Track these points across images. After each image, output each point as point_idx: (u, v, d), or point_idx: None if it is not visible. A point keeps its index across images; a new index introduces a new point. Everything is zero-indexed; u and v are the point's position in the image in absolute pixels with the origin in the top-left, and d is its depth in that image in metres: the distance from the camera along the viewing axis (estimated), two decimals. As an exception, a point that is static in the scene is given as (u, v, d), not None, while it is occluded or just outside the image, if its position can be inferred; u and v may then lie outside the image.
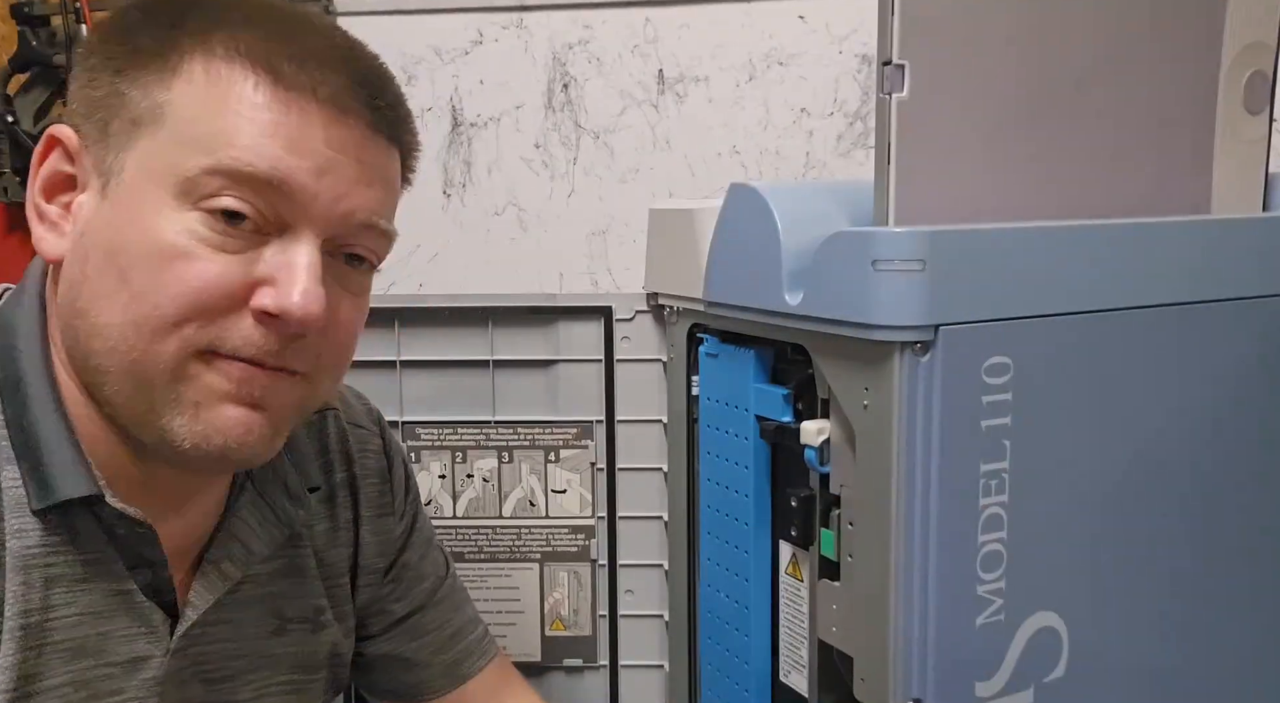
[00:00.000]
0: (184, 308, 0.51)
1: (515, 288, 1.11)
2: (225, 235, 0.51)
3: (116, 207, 0.52)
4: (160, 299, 0.51)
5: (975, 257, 0.66)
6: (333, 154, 0.53)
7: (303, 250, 0.53)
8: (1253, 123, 0.83)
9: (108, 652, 0.55)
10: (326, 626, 0.68)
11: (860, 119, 1.15)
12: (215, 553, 0.61)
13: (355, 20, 1.18)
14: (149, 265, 0.51)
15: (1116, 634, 0.76)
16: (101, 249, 0.52)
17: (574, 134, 1.18)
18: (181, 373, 0.52)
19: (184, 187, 0.51)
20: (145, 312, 0.51)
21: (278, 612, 0.65)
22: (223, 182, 0.51)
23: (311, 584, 0.67)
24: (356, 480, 0.71)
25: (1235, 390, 0.79)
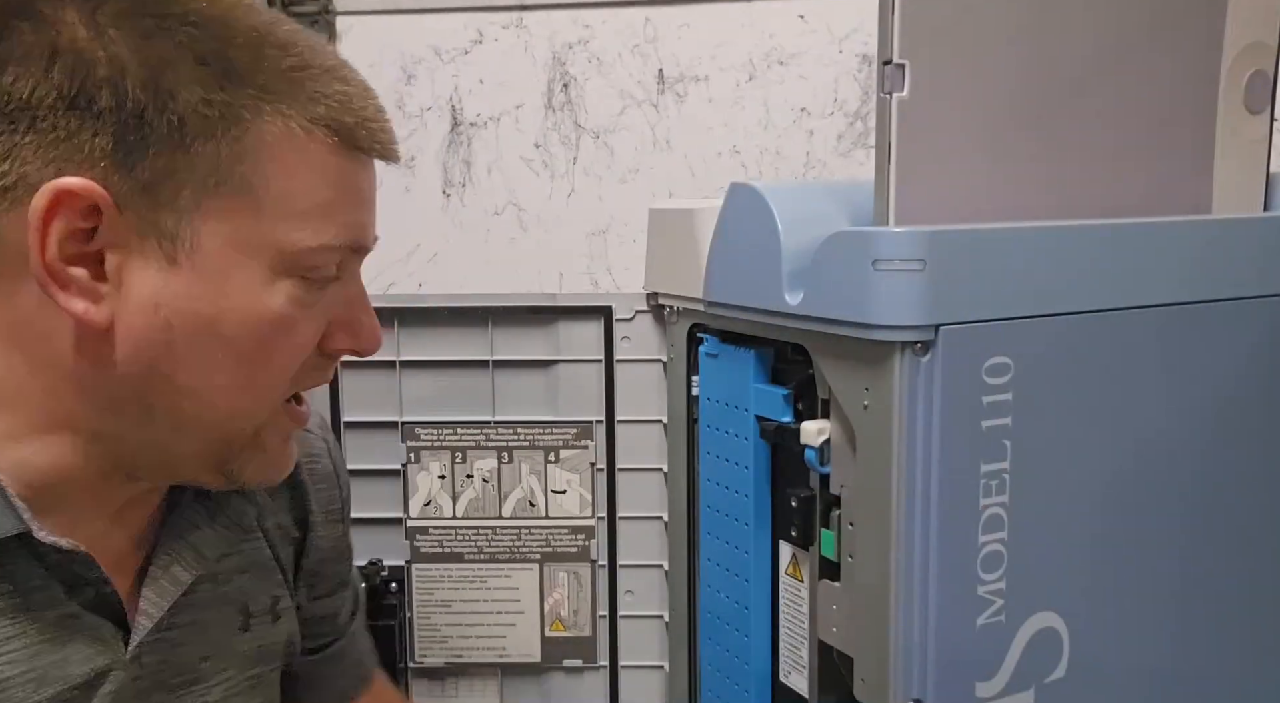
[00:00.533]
0: (290, 372, 0.56)
1: (515, 288, 1.10)
2: (315, 293, 0.55)
3: (201, 277, 0.52)
4: (270, 366, 0.55)
5: (975, 257, 0.66)
6: (373, 190, 0.57)
7: (359, 286, 0.58)
8: (1253, 123, 0.83)
9: (69, 675, 0.54)
10: (282, 615, 0.68)
11: (860, 119, 1.14)
12: (163, 558, 0.60)
13: (355, 20, 1.18)
14: (255, 336, 0.53)
15: (1117, 635, 0.76)
16: (191, 319, 0.52)
17: (574, 134, 1.18)
18: (267, 424, 0.57)
19: (286, 261, 0.53)
20: (254, 378, 0.55)
21: (242, 608, 0.65)
22: (327, 256, 0.54)
23: (270, 575, 0.67)
24: (306, 483, 0.71)
25: (1235, 390, 0.79)
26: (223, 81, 0.50)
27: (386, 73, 1.19)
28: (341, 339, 0.57)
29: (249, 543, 0.65)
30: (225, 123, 0.50)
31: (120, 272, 0.51)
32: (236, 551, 0.64)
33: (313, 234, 0.53)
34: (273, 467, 0.59)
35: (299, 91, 0.52)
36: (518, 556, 1.00)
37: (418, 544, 1.00)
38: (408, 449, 0.99)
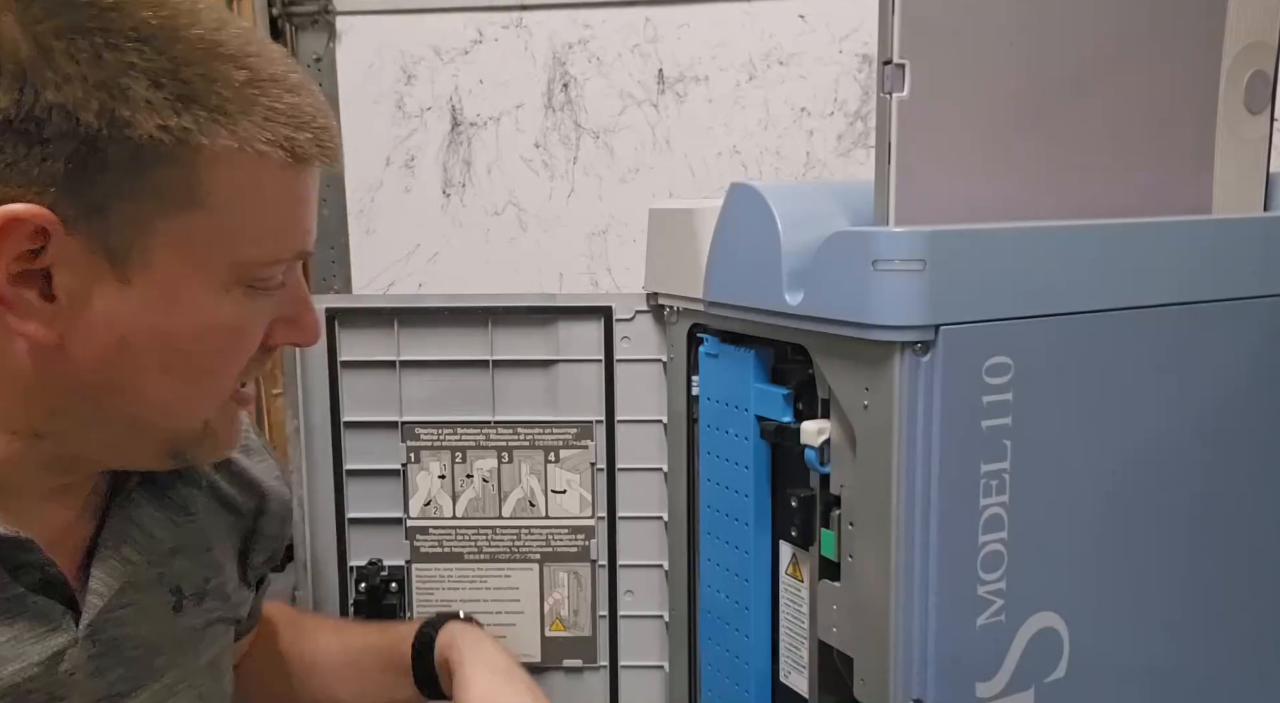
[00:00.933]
0: (235, 375, 0.58)
1: (515, 288, 1.11)
2: (262, 299, 0.57)
3: (153, 293, 0.53)
4: (222, 370, 0.58)
5: (975, 257, 0.66)
6: (316, 192, 0.58)
7: (299, 283, 0.59)
8: (1253, 122, 0.83)
9: (25, 653, 0.55)
10: (209, 594, 0.68)
11: (860, 119, 1.15)
12: (112, 538, 0.61)
13: (355, 20, 1.18)
14: (208, 345, 0.56)
15: (1117, 635, 0.76)
16: (145, 333, 0.53)
17: (574, 134, 1.18)
18: (215, 416, 0.59)
19: (238, 273, 0.55)
20: (206, 381, 0.57)
21: (175, 589, 0.65)
22: (276, 267, 0.56)
23: (202, 556, 0.68)
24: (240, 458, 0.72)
25: (1235, 390, 0.79)
26: (177, 106, 0.50)
27: (386, 73, 1.19)
28: (283, 334, 0.60)
29: (185, 526, 0.66)
30: (180, 148, 0.50)
31: (70, 290, 0.51)
32: (175, 532, 0.65)
33: (263, 249, 0.55)
34: (222, 445, 0.62)
35: (253, 110, 0.52)
36: (518, 556, 1.00)
37: (417, 544, 1.00)
38: (407, 449, 0.99)
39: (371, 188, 1.24)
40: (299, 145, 0.54)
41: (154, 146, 0.50)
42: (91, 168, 0.49)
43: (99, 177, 0.50)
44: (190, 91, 0.50)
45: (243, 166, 0.52)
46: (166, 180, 0.51)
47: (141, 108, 0.49)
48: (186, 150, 0.51)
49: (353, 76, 1.19)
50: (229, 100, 0.51)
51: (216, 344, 0.56)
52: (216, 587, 0.69)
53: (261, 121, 0.52)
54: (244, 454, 0.72)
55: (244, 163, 0.52)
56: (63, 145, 0.48)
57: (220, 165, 0.52)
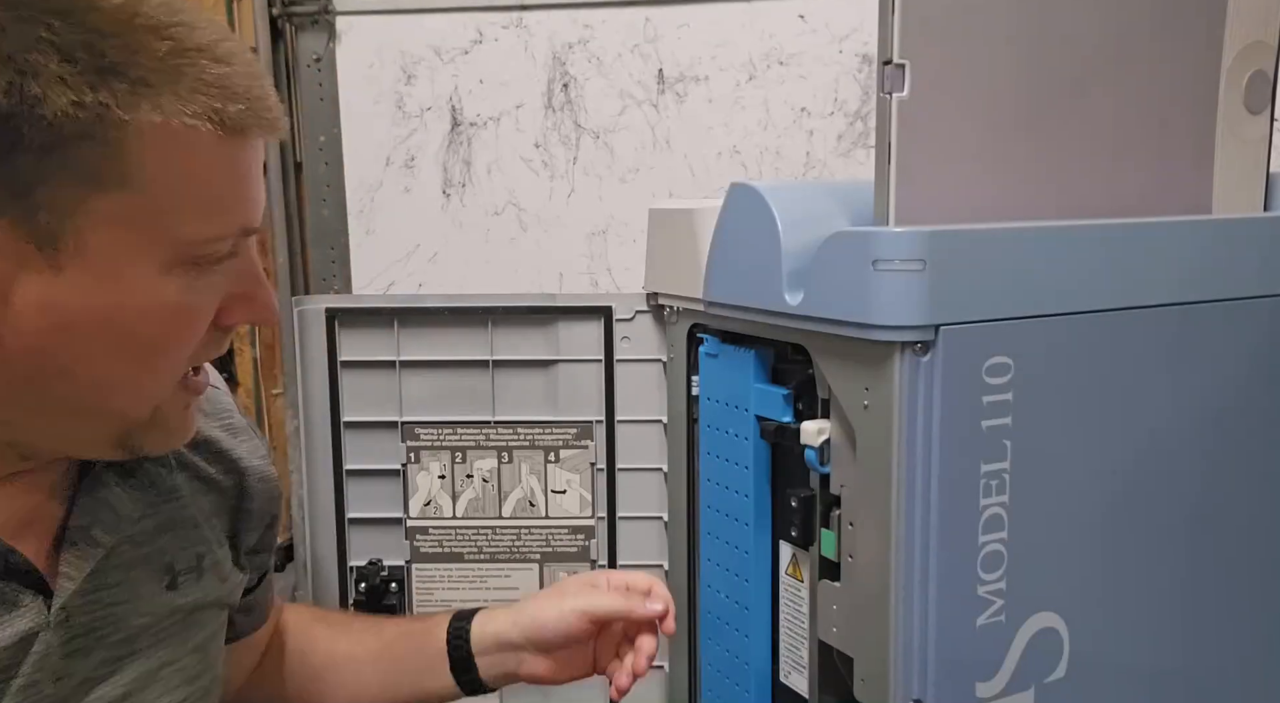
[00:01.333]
0: (187, 353, 0.56)
1: (515, 288, 1.11)
2: (208, 276, 0.55)
3: (90, 277, 0.51)
4: (168, 352, 0.55)
5: (975, 257, 0.66)
6: (259, 166, 0.56)
7: (251, 259, 0.57)
8: (1253, 122, 0.83)
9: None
10: (207, 571, 0.68)
11: (860, 119, 1.14)
12: (82, 519, 0.60)
13: (355, 20, 1.18)
14: (152, 327, 0.53)
15: (1117, 635, 0.76)
16: (84, 318, 0.52)
17: (574, 134, 1.18)
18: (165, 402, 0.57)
19: (179, 251, 0.52)
20: (153, 364, 0.55)
21: (167, 567, 0.65)
22: (218, 244, 0.54)
23: (192, 533, 0.67)
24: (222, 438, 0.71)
25: (1235, 390, 0.79)
26: (94, 80, 0.47)
27: (386, 73, 1.19)
28: (237, 313, 0.57)
29: (168, 504, 0.65)
30: (100, 125, 0.48)
31: (2, 280, 0.50)
32: (154, 512, 0.64)
33: (203, 225, 0.53)
34: (173, 435, 0.60)
35: (177, 82, 0.50)
36: (518, 555, 1.00)
37: (418, 544, 1.00)
38: (408, 449, 0.99)
39: (371, 188, 1.24)
40: (230, 117, 0.51)
41: (71, 124, 0.47)
42: (6, 149, 0.47)
43: (15, 158, 0.47)
44: (107, 64, 0.48)
45: (171, 141, 0.50)
46: (89, 159, 0.49)
47: (54, 83, 0.46)
48: (107, 127, 0.48)
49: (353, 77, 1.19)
50: (150, 72, 0.49)
51: (161, 326, 0.54)
52: (212, 565, 0.68)
53: (187, 93, 0.50)
54: (228, 433, 0.71)
55: (172, 137, 0.50)
56: None
57: (146, 141, 0.49)
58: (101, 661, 0.60)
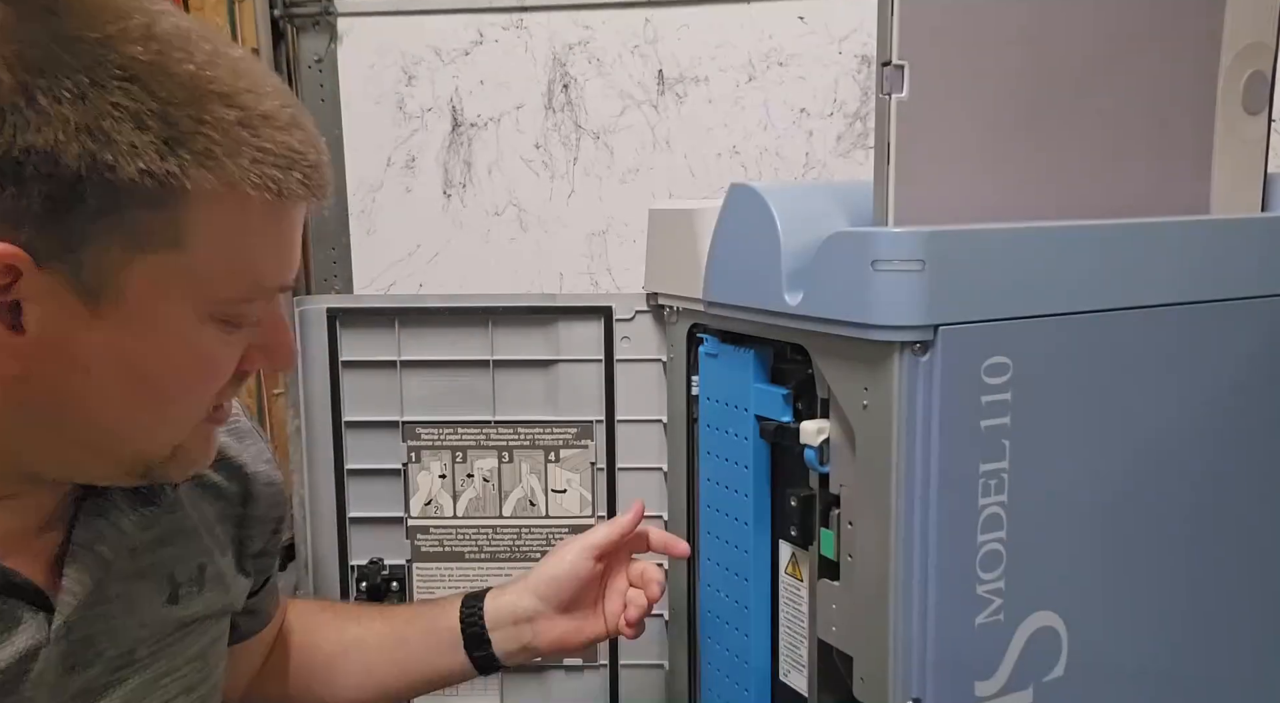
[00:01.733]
0: (207, 403, 0.58)
1: (515, 288, 1.11)
2: (238, 330, 0.56)
3: (125, 326, 0.51)
4: (194, 400, 0.57)
5: (975, 257, 0.66)
6: (300, 226, 0.57)
7: (277, 311, 0.59)
8: (1252, 123, 0.83)
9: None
10: (209, 582, 0.68)
11: (860, 119, 1.15)
12: (85, 535, 0.59)
13: (356, 21, 1.18)
14: (179, 376, 0.55)
15: (1116, 634, 0.76)
16: (113, 365, 0.52)
17: (574, 134, 1.18)
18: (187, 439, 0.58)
19: (214, 308, 0.54)
20: (176, 410, 0.56)
21: (168, 578, 0.65)
22: (254, 303, 0.55)
23: (193, 543, 0.67)
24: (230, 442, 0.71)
25: (1235, 390, 0.79)
26: (163, 149, 0.48)
27: (387, 73, 1.19)
28: (258, 361, 0.59)
29: (169, 515, 0.65)
30: (163, 191, 0.49)
31: (40, 322, 0.50)
32: (156, 524, 0.64)
33: (242, 286, 0.54)
34: (194, 463, 0.61)
35: (242, 152, 0.50)
36: (518, 555, 1.00)
37: (418, 544, 1.00)
38: (408, 449, 0.99)
39: (372, 188, 1.24)
40: (286, 185, 0.52)
41: (136, 190, 0.48)
42: (68, 208, 0.48)
43: (76, 216, 0.48)
44: (177, 133, 0.48)
45: (226, 208, 0.51)
46: (146, 222, 0.49)
47: (125, 152, 0.47)
48: (169, 194, 0.49)
49: (354, 77, 1.19)
50: (218, 142, 0.49)
51: (187, 375, 0.55)
52: (214, 575, 0.68)
53: (250, 164, 0.50)
54: (234, 438, 0.71)
55: (228, 205, 0.51)
56: (40, 186, 0.47)
57: (203, 207, 0.50)
58: (100, 674, 0.60)
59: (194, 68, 0.50)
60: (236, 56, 0.52)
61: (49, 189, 0.47)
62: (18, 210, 0.47)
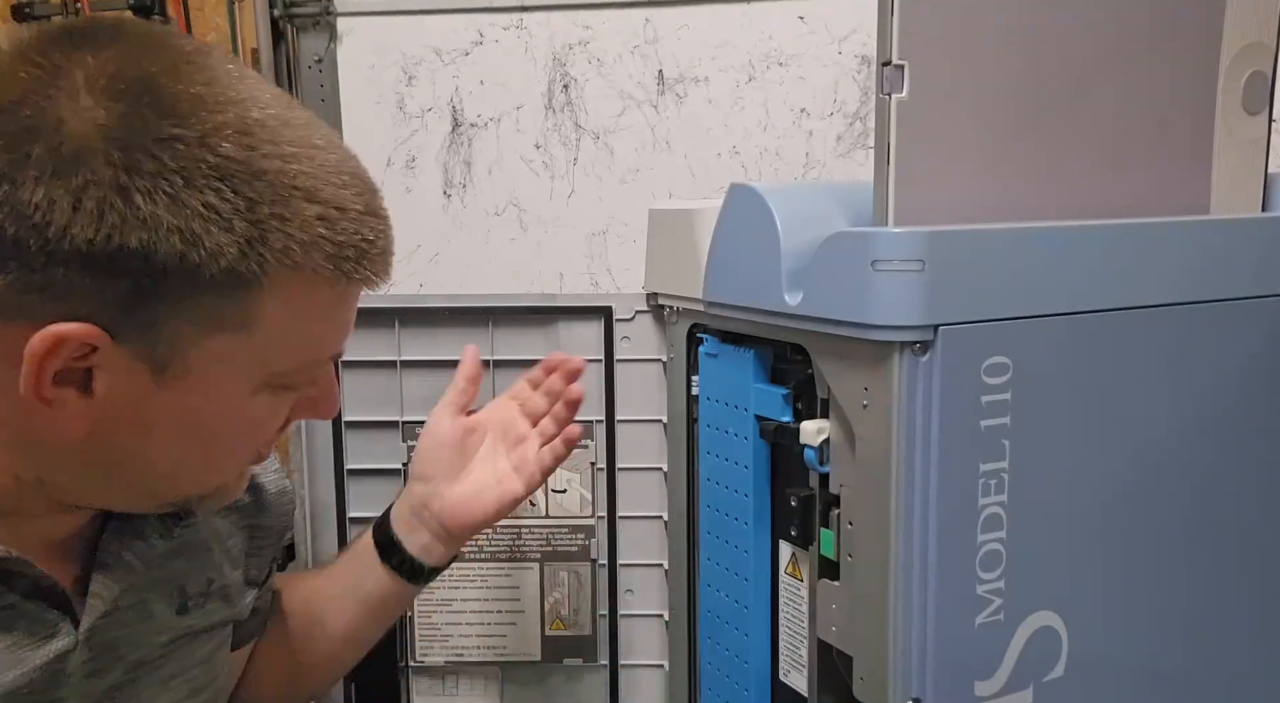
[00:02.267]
0: (254, 455, 0.61)
1: (515, 288, 1.11)
2: (293, 392, 0.58)
3: (186, 393, 0.53)
4: (242, 455, 0.60)
5: (975, 257, 0.66)
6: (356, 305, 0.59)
7: (329, 375, 0.62)
8: (1252, 123, 0.83)
9: (24, 660, 0.56)
10: (214, 595, 0.69)
11: (860, 119, 1.15)
12: (114, 542, 0.62)
13: (355, 21, 1.18)
14: (234, 438, 0.58)
15: (1116, 634, 0.76)
16: (171, 425, 0.55)
17: (574, 135, 1.18)
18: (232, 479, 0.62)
19: (271, 380, 0.56)
20: (224, 462, 0.59)
21: (179, 590, 0.66)
22: (310, 371, 0.58)
23: (205, 556, 0.68)
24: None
25: (1235, 390, 0.79)
26: (246, 249, 0.50)
27: (387, 74, 1.19)
28: (303, 411, 0.61)
29: (185, 529, 0.67)
30: (237, 285, 0.51)
31: (109, 389, 0.52)
32: (172, 536, 0.66)
33: (302, 360, 0.57)
34: (228, 497, 0.64)
35: (319, 248, 0.52)
36: (518, 555, 1.00)
37: (418, 544, 1.00)
38: (408, 449, 0.99)
39: (372, 188, 1.24)
40: (355, 271, 0.54)
41: (214, 282, 0.50)
42: (151, 295, 0.50)
43: (157, 305, 0.50)
44: (260, 233, 0.50)
45: (296, 296, 0.53)
46: (221, 308, 0.51)
47: (211, 252, 0.49)
48: (245, 286, 0.51)
49: (353, 77, 1.19)
50: (296, 240, 0.51)
51: (240, 434, 0.58)
52: (220, 589, 0.69)
53: (324, 259, 0.52)
54: None
55: (298, 293, 0.53)
56: (128, 278, 0.49)
57: (276, 297, 0.52)
58: (118, 678, 0.62)
59: (280, 163, 0.51)
60: (319, 142, 0.53)
61: (137, 282, 0.49)
62: (104, 298, 0.49)
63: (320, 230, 0.52)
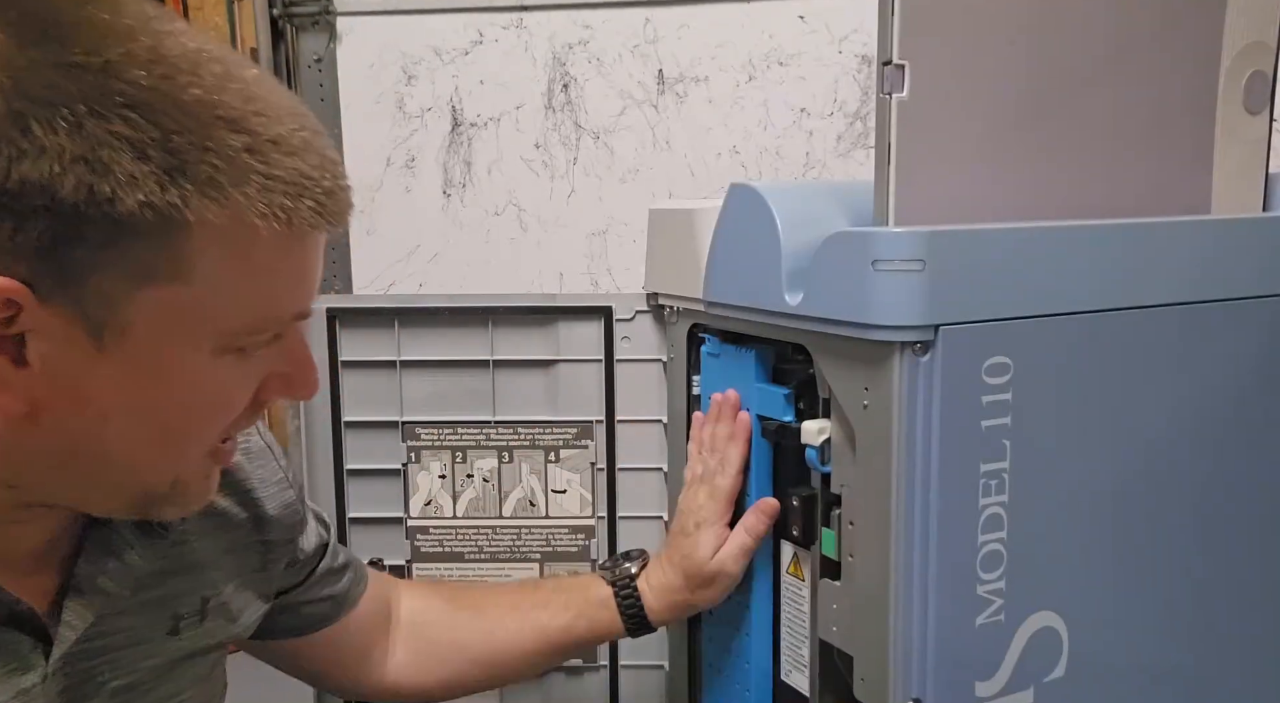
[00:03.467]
0: (219, 436, 0.56)
1: (515, 288, 1.11)
2: (253, 360, 0.54)
3: (132, 362, 0.50)
4: (204, 435, 0.55)
5: (975, 257, 0.66)
6: (320, 254, 0.55)
7: (299, 339, 0.56)
8: (1252, 123, 0.83)
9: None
10: (211, 614, 0.67)
11: (860, 119, 1.15)
12: (89, 568, 0.58)
13: (355, 20, 1.18)
14: (191, 413, 0.53)
15: (1116, 634, 0.76)
16: (120, 402, 0.51)
17: (574, 134, 1.18)
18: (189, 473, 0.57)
19: (224, 341, 0.52)
20: (183, 444, 0.55)
21: (171, 612, 0.64)
22: (264, 334, 0.53)
23: (198, 575, 0.66)
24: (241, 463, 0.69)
25: (1235, 390, 0.79)
26: (164, 180, 0.46)
27: (387, 73, 1.19)
28: (277, 390, 0.56)
29: (175, 548, 0.64)
30: (164, 224, 0.47)
31: (45, 357, 0.48)
32: (162, 557, 0.63)
33: (253, 316, 0.52)
34: (190, 504, 0.59)
35: (249, 180, 0.48)
36: (518, 555, 1.00)
37: (418, 544, 1.00)
38: (408, 449, 0.99)
39: (372, 188, 1.24)
40: (297, 214, 0.50)
41: (136, 222, 0.46)
42: (68, 241, 0.46)
43: (76, 249, 0.46)
44: (179, 163, 0.46)
45: (233, 238, 0.49)
46: (147, 255, 0.47)
47: (124, 183, 0.45)
48: (171, 226, 0.47)
49: (353, 77, 1.19)
50: (222, 171, 0.47)
51: (198, 409, 0.53)
52: (218, 607, 0.67)
53: (256, 192, 0.48)
54: (244, 458, 0.69)
55: (235, 235, 0.48)
56: (36, 220, 0.45)
57: (208, 238, 0.48)
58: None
59: (200, 92, 0.47)
60: (249, 77, 0.50)
61: (47, 222, 0.45)
62: (16, 244, 0.46)
63: (250, 162, 0.48)
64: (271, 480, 0.71)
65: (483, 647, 0.84)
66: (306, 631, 0.78)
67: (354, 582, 0.81)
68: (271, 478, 0.71)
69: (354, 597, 0.81)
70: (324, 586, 0.78)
